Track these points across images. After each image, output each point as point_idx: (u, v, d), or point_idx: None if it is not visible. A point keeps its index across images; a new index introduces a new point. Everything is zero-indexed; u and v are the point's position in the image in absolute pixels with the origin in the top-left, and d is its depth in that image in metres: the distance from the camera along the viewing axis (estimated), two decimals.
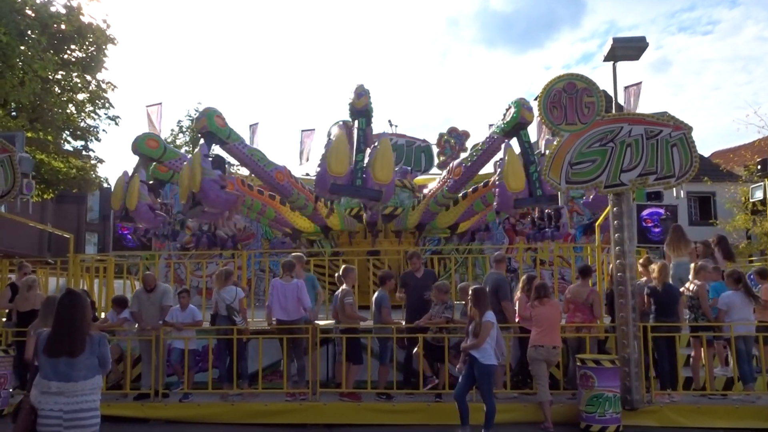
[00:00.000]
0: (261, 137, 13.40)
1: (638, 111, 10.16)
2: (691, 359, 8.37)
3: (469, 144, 18.54)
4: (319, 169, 9.96)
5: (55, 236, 29.63)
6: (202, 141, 10.36)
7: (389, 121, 20.39)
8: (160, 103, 15.43)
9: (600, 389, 7.13)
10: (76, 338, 4.20)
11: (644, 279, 8.46)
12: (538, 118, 8.58)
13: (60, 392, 4.11)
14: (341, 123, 11.17)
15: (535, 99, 8.59)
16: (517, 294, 8.43)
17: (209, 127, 10.17)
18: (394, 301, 8.64)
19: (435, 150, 18.16)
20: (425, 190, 13.24)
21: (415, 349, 8.06)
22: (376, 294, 8.39)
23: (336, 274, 8.89)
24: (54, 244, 32.20)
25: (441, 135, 18.32)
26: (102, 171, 23.15)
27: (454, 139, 18.39)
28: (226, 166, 11.07)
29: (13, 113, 15.99)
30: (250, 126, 17.47)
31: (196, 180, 9.69)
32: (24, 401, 4.23)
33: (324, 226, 12.31)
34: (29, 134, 15.79)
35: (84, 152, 19.80)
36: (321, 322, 8.75)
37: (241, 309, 8.31)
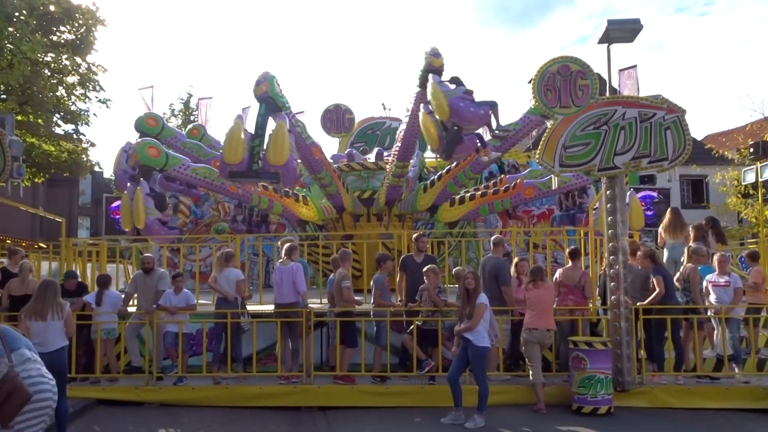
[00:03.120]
0: (252, 120, 13.23)
1: (634, 94, 10.13)
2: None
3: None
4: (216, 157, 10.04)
5: (47, 220, 29.49)
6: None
7: (383, 104, 20.37)
8: (152, 87, 15.31)
9: (592, 371, 7.19)
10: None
11: (628, 263, 8.47)
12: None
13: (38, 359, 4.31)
14: (240, 116, 10.85)
15: (530, 82, 8.55)
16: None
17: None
18: (393, 284, 8.68)
19: None
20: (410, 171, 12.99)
21: (404, 335, 8.09)
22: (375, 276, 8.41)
23: (331, 258, 8.90)
24: (46, 229, 32.03)
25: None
26: (93, 155, 23.01)
27: None
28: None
29: (3, 96, 15.82)
30: (243, 109, 17.35)
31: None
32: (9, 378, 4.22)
33: (340, 206, 12.38)
34: (19, 117, 15.63)
35: (75, 136, 19.64)
36: (314, 306, 8.76)
37: (240, 292, 8.32)
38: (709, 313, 8.15)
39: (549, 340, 7.65)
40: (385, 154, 14.16)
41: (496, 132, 9.99)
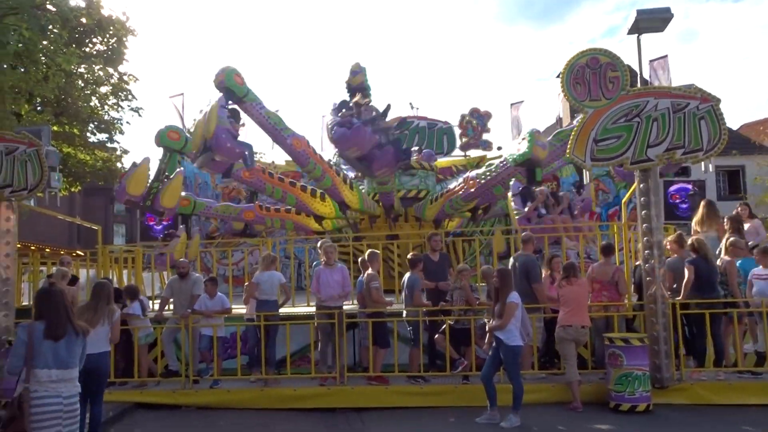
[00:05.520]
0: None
1: (666, 84, 9.95)
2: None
3: (491, 125, 18.34)
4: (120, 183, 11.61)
5: (84, 228, 30.15)
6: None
7: (410, 103, 20.39)
8: (182, 94, 15.57)
9: (629, 368, 7.07)
10: (73, 322, 4.60)
11: (675, 256, 8.30)
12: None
13: (59, 380, 4.38)
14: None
15: (558, 76, 8.46)
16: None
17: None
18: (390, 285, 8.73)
19: (457, 131, 18.02)
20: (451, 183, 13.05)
21: (437, 335, 8.06)
22: (406, 277, 8.39)
23: (360, 259, 8.93)
24: (83, 236, 32.81)
25: (463, 116, 18.17)
26: (127, 162, 23.31)
27: (476, 120, 18.23)
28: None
29: (39, 108, 16.22)
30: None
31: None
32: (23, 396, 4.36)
33: (341, 202, 12.16)
34: (55, 128, 16.02)
35: (109, 144, 20.05)
36: (346, 307, 8.79)
37: (287, 295, 8.58)
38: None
39: (584, 337, 7.55)
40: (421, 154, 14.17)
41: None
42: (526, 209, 10.61)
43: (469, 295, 8.03)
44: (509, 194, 10.50)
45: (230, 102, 10.41)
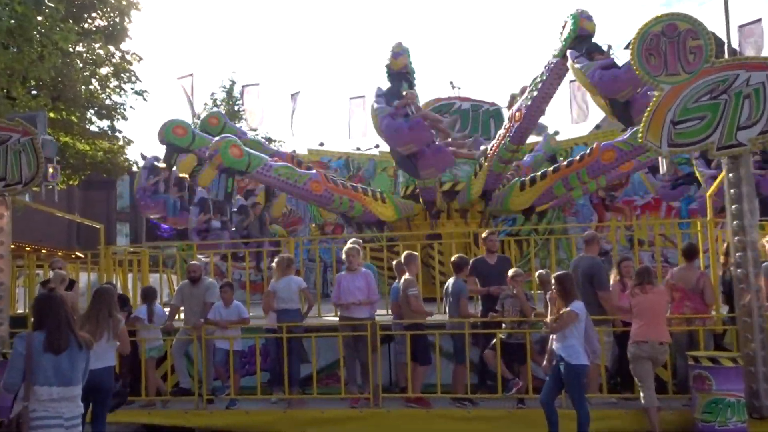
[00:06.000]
0: (305, 106, 13.72)
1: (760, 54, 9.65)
2: None
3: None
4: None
5: (84, 227, 30.73)
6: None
7: (451, 82, 20.08)
8: (191, 75, 15.70)
9: (719, 393, 6.82)
10: (75, 333, 4.64)
11: None
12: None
13: (61, 398, 4.41)
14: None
15: (627, 47, 8.23)
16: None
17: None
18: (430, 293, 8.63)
19: (506, 114, 17.78)
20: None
21: (486, 351, 7.92)
22: (450, 282, 8.26)
23: (394, 263, 8.83)
24: (83, 236, 33.41)
25: (513, 96, 17.85)
26: (131, 153, 23.72)
27: None
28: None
29: (34, 91, 16.50)
30: (292, 95, 17.59)
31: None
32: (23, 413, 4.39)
33: (377, 221, 12.56)
34: (52, 115, 16.28)
35: (111, 133, 20.34)
36: (380, 318, 8.72)
37: (309, 302, 8.59)
38: None
39: (663, 356, 7.30)
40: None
41: None
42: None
43: (524, 303, 7.86)
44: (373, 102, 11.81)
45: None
